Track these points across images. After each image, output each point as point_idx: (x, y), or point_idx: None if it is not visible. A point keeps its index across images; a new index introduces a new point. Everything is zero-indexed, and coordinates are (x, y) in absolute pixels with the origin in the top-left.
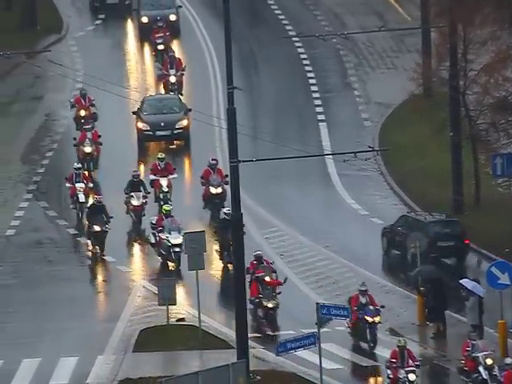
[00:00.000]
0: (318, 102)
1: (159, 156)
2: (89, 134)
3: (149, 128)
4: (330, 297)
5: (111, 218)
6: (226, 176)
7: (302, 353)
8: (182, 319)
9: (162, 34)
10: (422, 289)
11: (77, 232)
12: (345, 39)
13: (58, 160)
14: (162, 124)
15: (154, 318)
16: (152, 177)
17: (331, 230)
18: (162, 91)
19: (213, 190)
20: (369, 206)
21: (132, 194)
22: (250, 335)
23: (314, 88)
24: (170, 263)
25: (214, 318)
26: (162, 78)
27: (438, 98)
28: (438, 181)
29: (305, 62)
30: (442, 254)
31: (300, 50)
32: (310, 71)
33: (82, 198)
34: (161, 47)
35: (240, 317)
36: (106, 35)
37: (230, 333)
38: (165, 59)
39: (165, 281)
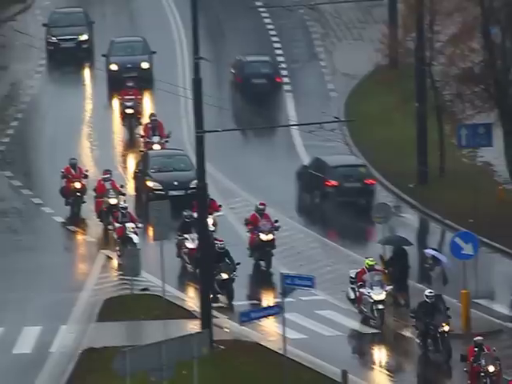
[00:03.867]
0: (284, 72)
1: None
2: (108, 185)
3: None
4: (294, 267)
5: (238, 264)
6: (276, 221)
7: (266, 322)
8: (146, 289)
9: (132, 97)
10: (385, 258)
11: (41, 202)
12: (311, 10)
13: (23, 129)
14: (176, 183)
15: (118, 288)
16: (196, 215)
17: (297, 202)
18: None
19: (263, 237)
20: None
21: (185, 235)
22: (213, 305)
23: (280, 59)
24: (371, 321)
25: (178, 287)
26: (145, 145)
27: (404, 69)
28: (403, 151)
29: (271, 32)
30: (349, 195)
31: (267, 21)
32: (276, 42)
33: (135, 238)
34: (129, 111)
35: (204, 286)
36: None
37: (193, 303)
38: (146, 124)
39: (129, 251)
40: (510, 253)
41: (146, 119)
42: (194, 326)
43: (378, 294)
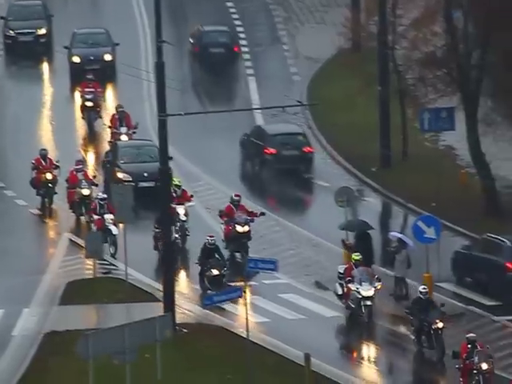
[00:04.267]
0: (247, 56)
1: (176, 182)
2: (80, 175)
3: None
4: (257, 250)
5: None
6: (251, 213)
7: (229, 306)
8: (109, 272)
9: (92, 90)
10: (348, 242)
11: (3, 185)
12: None
13: None
14: (145, 174)
15: (81, 271)
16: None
17: (259, 183)
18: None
19: (239, 229)
20: None
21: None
22: (176, 288)
23: (243, 42)
24: (360, 317)
25: (141, 271)
26: (112, 136)
27: (366, 53)
28: (366, 135)
29: (234, 15)
30: (287, 162)
31: (229, 4)
32: (239, 25)
33: (114, 229)
34: (89, 104)
35: (167, 270)
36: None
37: (156, 286)
38: (113, 115)
39: (92, 234)
40: (472, 236)
41: (108, 111)
42: (157, 309)
43: (367, 290)
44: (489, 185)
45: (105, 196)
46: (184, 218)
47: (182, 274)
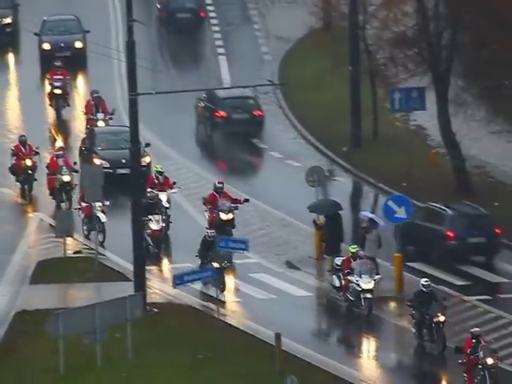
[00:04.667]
0: (217, 35)
1: (157, 169)
2: (60, 162)
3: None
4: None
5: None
6: (235, 200)
7: (200, 285)
8: (79, 251)
9: (60, 77)
10: (319, 222)
11: None
12: None
13: None
14: (123, 161)
15: (51, 250)
16: (150, 191)
17: (229, 164)
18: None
19: (223, 216)
20: (268, 140)
21: (150, 216)
22: (147, 267)
23: (213, 21)
24: (356, 310)
25: (112, 250)
26: (88, 122)
27: (337, 33)
28: (337, 115)
29: None
30: (237, 126)
31: None
32: (209, 4)
33: (103, 217)
34: (58, 91)
35: (137, 249)
36: None
37: (127, 266)
38: (88, 101)
39: (62, 213)
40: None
41: (80, 97)
42: (127, 289)
43: (367, 283)
44: (459, 165)
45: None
46: (167, 205)
47: (159, 258)
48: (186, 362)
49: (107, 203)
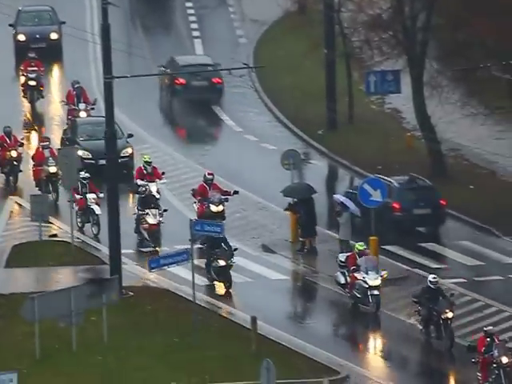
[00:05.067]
0: (192, 18)
1: (146, 159)
2: (47, 153)
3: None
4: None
5: (235, 249)
6: (225, 191)
7: (175, 269)
8: (55, 235)
9: (35, 68)
10: (293, 206)
11: None
12: None
13: None
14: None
15: (27, 234)
16: (140, 182)
17: (205, 147)
18: None
19: (214, 209)
20: (243, 123)
21: (147, 210)
22: (123, 251)
23: (188, 4)
24: (363, 307)
25: (88, 234)
26: (69, 112)
27: (312, 16)
28: (312, 98)
29: None
30: (196, 93)
31: None
32: None
33: (97, 209)
34: (32, 83)
35: (113, 232)
36: None
37: (103, 249)
38: (70, 92)
39: (37, 197)
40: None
41: (57, 88)
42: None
43: (374, 280)
44: (434, 147)
45: (87, 175)
46: (158, 196)
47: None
48: (162, 346)
49: (101, 195)
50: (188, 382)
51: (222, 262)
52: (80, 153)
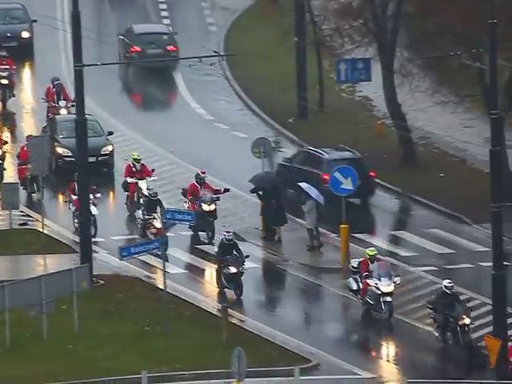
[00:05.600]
0: (163, 6)
1: (134, 156)
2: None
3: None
4: (174, 201)
5: (247, 256)
6: (217, 190)
7: (146, 257)
8: (25, 223)
9: (6, 67)
10: (261, 194)
11: None
12: None
13: None
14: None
15: None
16: (130, 179)
17: (176, 135)
18: None
19: (205, 208)
20: (214, 111)
21: (154, 214)
22: (93, 239)
23: None
24: (376, 313)
25: (58, 222)
26: (49, 110)
27: (283, 4)
28: (282, 86)
29: None
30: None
31: None
32: None
33: (94, 210)
34: (4, 82)
35: (84, 221)
36: None
37: (73, 237)
38: (49, 89)
39: (8, 185)
40: (388, 187)
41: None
42: (73, 261)
43: (387, 286)
44: (405, 136)
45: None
46: (147, 193)
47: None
48: (133, 334)
49: (98, 195)
50: (159, 371)
51: (233, 269)
52: (60, 150)
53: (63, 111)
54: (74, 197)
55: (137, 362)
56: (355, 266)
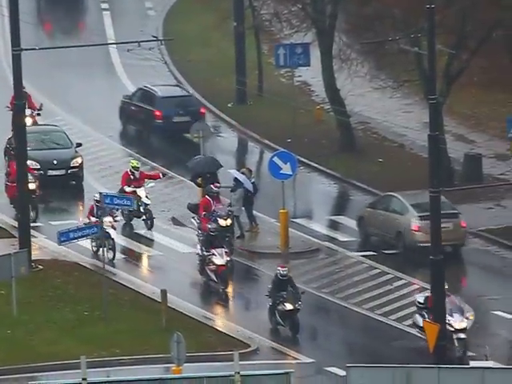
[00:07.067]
0: None
1: (134, 164)
2: None
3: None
4: (113, 186)
5: (303, 293)
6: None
7: (85, 242)
8: None
9: None
10: (199, 179)
11: None
12: None
13: None
14: (55, 162)
15: None
16: (128, 188)
17: (114, 120)
18: None
19: (222, 223)
20: None
21: (213, 250)
22: (32, 224)
23: None
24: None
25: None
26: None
27: None
28: (221, 71)
29: None
30: None
31: None
32: None
33: (113, 233)
34: None
35: (22, 206)
36: None
37: (11, 222)
38: (13, 97)
39: None
40: (327, 172)
41: None
42: (12, 246)
43: (460, 322)
44: (343, 121)
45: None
46: (148, 202)
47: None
48: (72, 319)
49: (118, 219)
50: (98, 356)
51: (288, 306)
52: (28, 163)
53: (28, 120)
54: (93, 219)
55: (76, 347)
56: (421, 301)
